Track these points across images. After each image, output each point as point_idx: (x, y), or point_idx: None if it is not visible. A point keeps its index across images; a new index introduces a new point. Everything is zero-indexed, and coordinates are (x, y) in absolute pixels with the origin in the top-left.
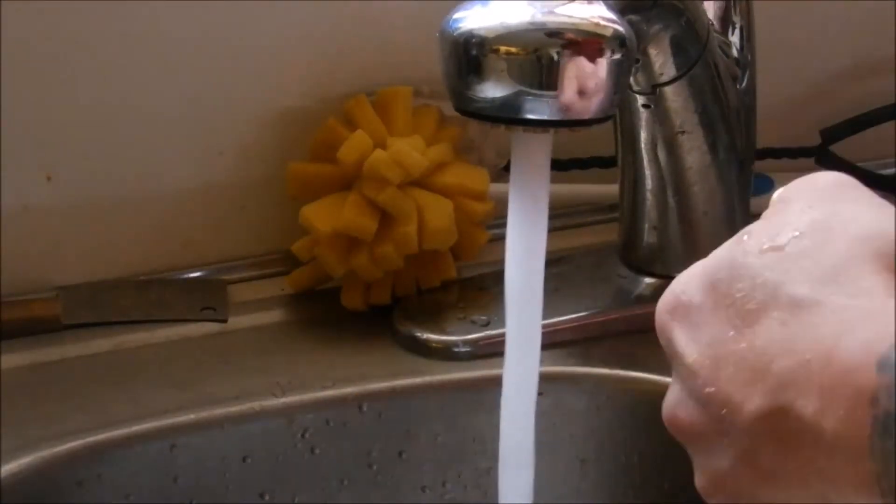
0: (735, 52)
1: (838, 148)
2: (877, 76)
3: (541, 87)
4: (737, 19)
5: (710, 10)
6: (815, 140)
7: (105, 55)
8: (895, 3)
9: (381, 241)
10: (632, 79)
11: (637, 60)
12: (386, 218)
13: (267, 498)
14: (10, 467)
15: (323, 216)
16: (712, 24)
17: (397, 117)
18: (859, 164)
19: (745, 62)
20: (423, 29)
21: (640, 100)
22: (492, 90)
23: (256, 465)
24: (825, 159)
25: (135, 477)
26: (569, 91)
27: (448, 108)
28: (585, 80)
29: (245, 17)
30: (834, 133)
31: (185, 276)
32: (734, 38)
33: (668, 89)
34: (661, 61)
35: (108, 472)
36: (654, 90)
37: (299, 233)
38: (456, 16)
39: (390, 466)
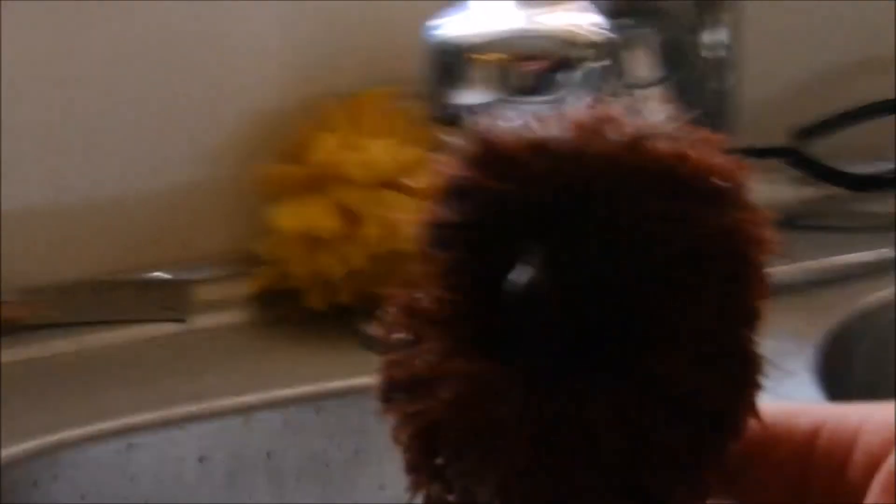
0: (721, 52)
1: (828, 147)
2: (875, 76)
3: (522, 94)
4: (723, 18)
5: (697, 10)
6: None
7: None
8: (895, 3)
9: (346, 242)
10: (615, 82)
11: (620, 64)
12: (353, 218)
13: (224, 497)
14: None
15: (288, 217)
16: (698, 25)
17: (370, 119)
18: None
19: (731, 62)
20: (399, 32)
21: None
22: (472, 97)
23: (213, 465)
24: (797, 159)
25: (91, 477)
26: (551, 97)
27: (426, 110)
28: (567, 86)
29: (217, 20)
30: (809, 132)
31: (150, 275)
32: (720, 38)
33: (652, 92)
34: (646, 64)
35: (63, 472)
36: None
37: (266, 233)
38: (436, 23)
39: (348, 465)
